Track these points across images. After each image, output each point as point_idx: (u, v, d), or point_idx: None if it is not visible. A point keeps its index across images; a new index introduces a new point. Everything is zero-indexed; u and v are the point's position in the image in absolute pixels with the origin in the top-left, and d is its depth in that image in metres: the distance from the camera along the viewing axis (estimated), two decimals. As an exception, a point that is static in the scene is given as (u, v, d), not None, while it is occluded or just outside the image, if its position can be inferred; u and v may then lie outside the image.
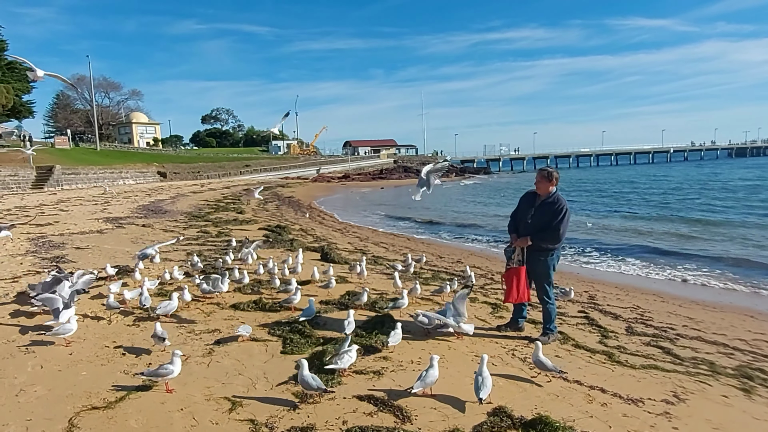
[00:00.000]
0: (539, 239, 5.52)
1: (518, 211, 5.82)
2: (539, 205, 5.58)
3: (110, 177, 43.43)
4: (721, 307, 8.66)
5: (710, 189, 39.00)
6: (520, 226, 5.70)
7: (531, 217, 5.59)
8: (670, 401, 4.26)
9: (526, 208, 5.69)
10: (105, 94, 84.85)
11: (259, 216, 19.94)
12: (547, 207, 5.52)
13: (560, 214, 5.45)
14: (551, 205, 5.51)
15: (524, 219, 5.65)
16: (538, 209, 5.58)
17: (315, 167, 70.99)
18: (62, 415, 3.70)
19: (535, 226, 5.55)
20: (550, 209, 5.50)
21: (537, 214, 5.57)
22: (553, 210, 5.48)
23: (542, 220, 5.51)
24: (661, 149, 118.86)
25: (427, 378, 3.99)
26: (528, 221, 5.60)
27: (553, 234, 5.46)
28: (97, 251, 10.67)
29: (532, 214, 5.60)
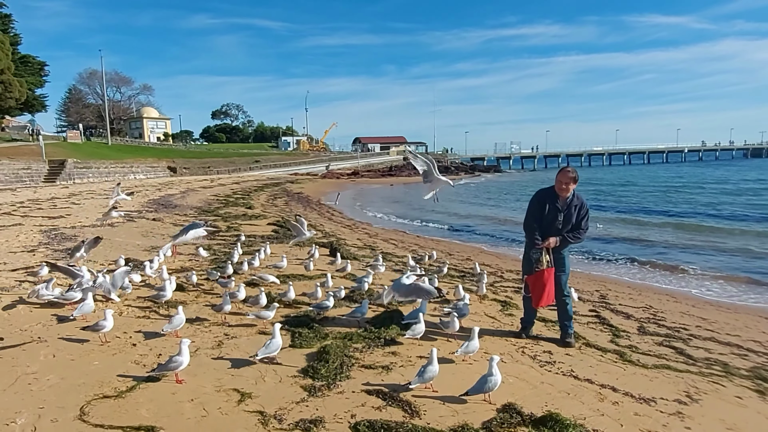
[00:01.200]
0: (569, 239, 5.43)
1: (542, 215, 5.48)
2: (566, 208, 5.40)
3: (121, 171, 43.79)
4: (735, 308, 8.56)
5: (724, 191, 38.43)
6: (548, 230, 5.45)
7: (561, 222, 5.40)
8: (683, 401, 4.21)
9: (553, 212, 5.42)
10: (116, 88, 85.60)
11: (268, 212, 20.01)
12: (573, 209, 5.40)
13: (586, 214, 5.44)
14: (578, 207, 5.42)
15: (553, 224, 5.41)
16: (567, 213, 5.40)
17: (324, 163, 71.07)
18: (74, 404, 3.73)
19: (564, 230, 5.42)
20: (576, 210, 5.41)
21: (566, 217, 5.40)
22: (580, 210, 5.42)
23: (570, 222, 5.41)
24: (676, 149, 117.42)
25: (426, 373, 3.95)
26: (558, 227, 5.41)
27: (582, 233, 5.46)
28: (108, 244, 10.75)
29: (561, 219, 5.40)
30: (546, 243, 5.40)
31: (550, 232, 5.44)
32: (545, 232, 5.46)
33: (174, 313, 5.30)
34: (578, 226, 5.44)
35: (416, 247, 13.25)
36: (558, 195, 5.43)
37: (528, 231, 5.62)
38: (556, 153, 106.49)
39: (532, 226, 5.54)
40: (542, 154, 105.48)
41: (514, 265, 11.30)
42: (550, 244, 5.40)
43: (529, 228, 5.61)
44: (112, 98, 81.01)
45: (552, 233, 5.43)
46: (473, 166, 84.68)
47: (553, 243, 5.40)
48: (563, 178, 5.37)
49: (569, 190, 5.38)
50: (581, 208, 5.44)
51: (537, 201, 5.57)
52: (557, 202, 5.42)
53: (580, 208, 5.43)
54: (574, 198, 5.44)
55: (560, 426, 3.43)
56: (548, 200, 5.47)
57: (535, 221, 5.53)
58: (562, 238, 5.43)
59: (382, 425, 3.38)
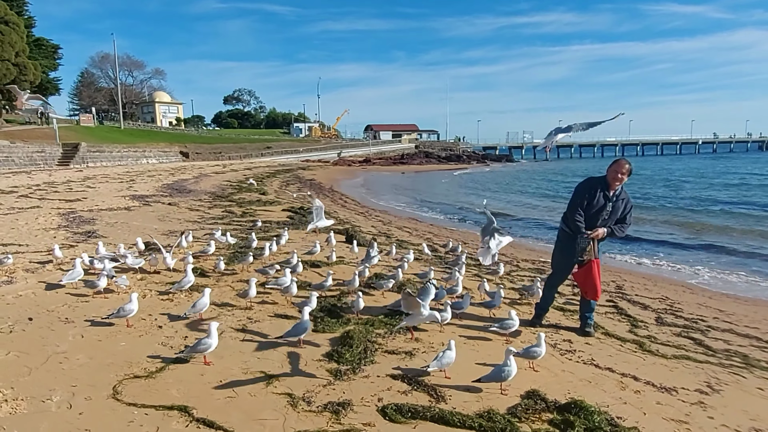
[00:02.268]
0: (617, 233, 5.40)
1: (590, 203, 5.36)
2: (615, 200, 5.33)
3: (134, 156, 44.12)
4: (753, 300, 8.51)
5: (741, 183, 37.90)
6: (594, 219, 5.35)
7: (609, 213, 5.32)
8: (704, 391, 4.23)
9: (601, 204, 5.32)
10: (129, 72, 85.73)
11: (281, 197, 20.09)
12: (620, 202, 5.34)
13: (631, 209, 5.43)
14: (625, 201, 5.38)
15: (600, 215, 5.32)
16: (615, 204, 5.32)
17: (336, 150, 71.03)
18: (106, 383, 3.83)
19: (610, 223, 5.36)
20: (623, 204, 5.36)
21: (614, 210, 5.33)
22: (626, 205, 5.39)
23: (616, 215, 5.35)
24: (690, 140, 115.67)
25: (443, 358, 4.00)
26: (605, 218, 5.33)
27: (626, 228, 5.45)
28: (125, 228, 10.91)
29: (610, 209, 5.32)
30: (595, 233, 5.29)
31: (595, 222, 5.34)
32: (590, 222, 5.35)
33: (198, 296, 5.37)
34: (623, 220, 5.39)
35: (430, 235, 13.28)
36: (609, 185, 5.33)
37: (572, 215, 5.42)
38: (568, 143, 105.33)
39: (577, 212, 5.39)
40: (555, 144, 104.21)
41: (528, 254, 11.30)
42: (599, 235, 5.32)
43: (573, 212, 5.42)
44: (124, 82, 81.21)
45: (596, 223, 5.33)
46: (485, 155, 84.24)
47: (602, 234, 5.32)
48: (620, 169, 5.25)
49: (622, 181, 5.30)
50: (627, 202, 5.40)
51: (586, 188, 5.43)
52: (607, 192, 5.33)
53: (626, 202, 5.38)
54: (622, 191, 5.36)
55: (585, 413, 3.47)
56: (599, 189, 5.35)
57: (580, 208, 5.39)
58: (610, 230, 5.36)
59: (409, 409, 3.44)
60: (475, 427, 3.31)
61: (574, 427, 3.34)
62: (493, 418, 3.38)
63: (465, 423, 3.35)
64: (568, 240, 5.50)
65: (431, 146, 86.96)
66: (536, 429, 3.37)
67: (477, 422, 3.34)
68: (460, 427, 3.34)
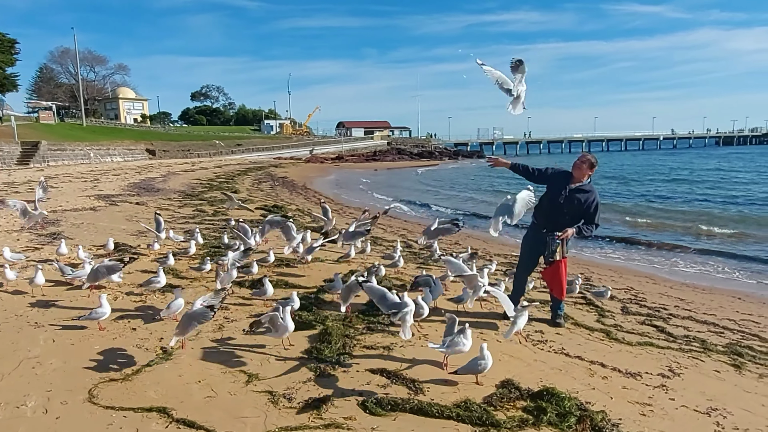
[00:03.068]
0: (584, 232, 5.54)
1: (548, 190, 5.57)
2: (574, 189, 5.42)
3: (97, 154, 42.82)
4: (710, 289, 8.94)
5: (695, 179, 39.43)
6: (550, 206, 5.51)
7: (563, 198, 5.40)
8: (666, 375, 4.46)
9: (558, 189, 5.46)
10: (90, 68, 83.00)
11: (254, 196, 19.90)
12: (582, 194, 5.42)
13: (597, 210, 5.50)
14: (587, 194, 5.43)
15: (556, 201, 5.45)
16: (572, 193, 5.42)
17: (308, 148, 70.43)
18: (81, 386, 3.79)
19: (566, 211, 5.44)
20: (585, 197, 5.42)
21: (570, 198, 5.40)
22: (589, 200, 5.43)
23: (574, 206, 5.42)
24: (652, 136, 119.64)
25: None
26: (559, 202, 5.41)
27: (595, 229, 5.61)
28: (92, 228, 10.65)
29: (564, 195, 5.41)
30: (564, 234, 5.43)
31: (549, 209, 5.50)
32: (547, 210, 5.52)
33: (172, 298, 5.32)
34: (591, 220, 5.50)
35: (405, 231, 13.40)
36: (573, 177, 5.48)
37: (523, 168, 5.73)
38: (537, 139, 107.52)
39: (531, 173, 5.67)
40: (524, 140, 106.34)
41: (501, 249, 11.55)
42: (568, 236, 5.45)
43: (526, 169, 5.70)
44: (85, 78, 78.61)
45: (551, 210, 5.48)
46: (457, 152, 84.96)
47: (570, 234, 5.45)
48: (581, 159, 5.47)
49: (585, 175, 5.43)
50: (590, 198, 5.44)
51: (553, 172, 5.64)
52: (568, 182, 5.47)
53: (589, 198, 5.43)
54: (586, 185, 5.47)
55: (557, 399, 3.63)
56: (561, 178, 5.54)
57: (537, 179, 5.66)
58: (578, 229, 5.49)
59: (389, 402, 3.53)
60: (453, 417, 3.43)
61: (546, 413, 3.50)
62: (469, 407, 3.51)
63: (443, 413, 3.47)
64: (536, 231, 5.68)
65: (403, 143, 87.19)
66: (511, 416, 3.51)
67: (455, 412, 3.46)
68: (438, 417, 3.45)
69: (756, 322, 6.83)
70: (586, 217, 5.51)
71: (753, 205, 22.49)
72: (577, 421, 3.46)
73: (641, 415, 3.68)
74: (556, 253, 5.48)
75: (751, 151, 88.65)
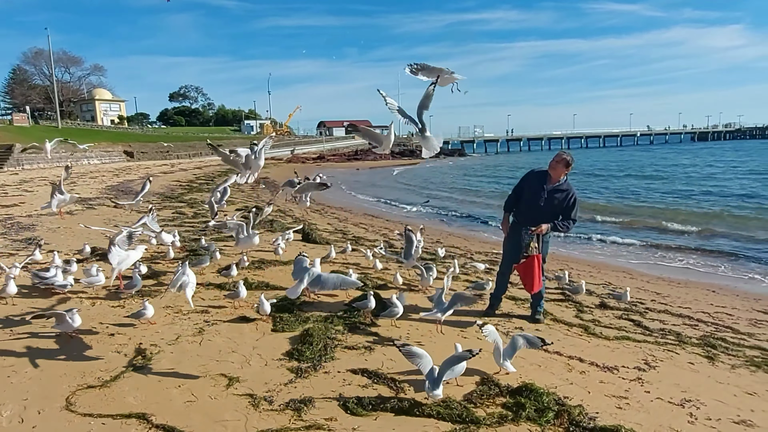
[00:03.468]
0: (560, 228, 5.61)
1: (526, 192, 5.68)
2: (552, 190, 5.53)
3: (73, 156, 41.90)
4: (685, 283, 9.16)
5: (669, 175, 40.25)
6: (528, 208, 5.61)
7: (543, 201, 5.51)
8: (642, 368, 4.57)
9: (536, 190, 5.58)
10: (65, 69, 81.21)
11: (234, 197, 19.69)
12: (560, 193, 5.53)
13: (575, 205, 5.60)
14: (565, 193, 5.54)
15: (535, 202, 5.55)
16: (551, 193, 5.53)
17: (289, 148, 69.93)
18: (58, 394, 3.72)
19: (546, 211, 5.53)
20: (563, 196, 5.53)
21: (548, 200, 5.51)
22: (567, 197, 5.54)
23: (554, 206, 5.52)
24: (629, 132, 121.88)
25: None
26: (540, 205, 5.52)
27: (572, 224, 5.66)
28: (69, 232, 10.46)
29: (544, 197, 5.53)
30: (538, 229, 5.52)
31: (530, 211, 5.59)
32: (525, 212, 5.63)
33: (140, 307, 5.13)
34: (568, 216, 5.59)
35: (386, 231, 13.42)
36: (549, 176, 5.58)
37: (506, 203, 5.91)
38: (517, 137, 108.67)
39: (511, 201, 5.81)
40: (504, 138, 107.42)
41: (482, 247, 11.66)
42: (542, 231, 5.54)
43: (507, 201, 5.89)
44: (60, 79, 76.89)
45: (532, 213, 5.57)
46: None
47: (545, 229, 5.54)
48: (557, 158, 5.55)
49: (561, 173, 5.53)
50: (569, 195, 5.55)
51: (526, 178, 5.77)
52: (545, 183, 5.58)
53: (567, 196, 5.55)
54: (564, 183, 5.58)
55: (535, 395, 3.70)
56: (537, 179, 5.64)
57: (516, 197, 5.77)
58: (553, 225, 5.57)
59: (370, 401, 3.55)
60: (433, 415, 3.46)
61: (525, 408, 3.55)
62: (450, 405, 3.54)
63: (424, 412, 3.49)
64: (516, 230, 5.77)
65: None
66: (491, 413, 3.56)
67: (435, 410, 3.50)
68: (419, 416, 3.48)
69: (729, 314, 7.03)
70: (564, 213, 5.61)
71: (727, 197, 23.12)
72: (555, 415, 3.52)
73: (617, 408, 3.77)
74: (530, 247, 5.56)
75: (722, 146, 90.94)
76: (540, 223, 5.54)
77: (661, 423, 3.59)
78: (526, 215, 5.67)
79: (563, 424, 3.45)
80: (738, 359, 5.06)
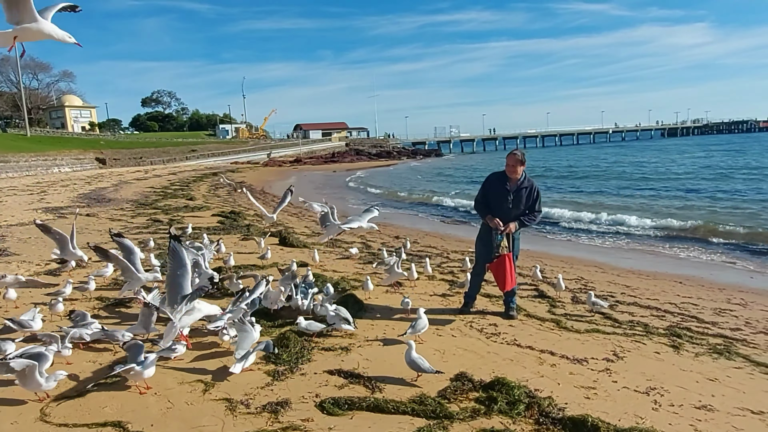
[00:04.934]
0: (526, 222, 5.79)
1: (492, 198, 5.82)
2: (516, 190, 5.70)
3: (43, 165, 40.96)
4: (654, 275, 9.43)
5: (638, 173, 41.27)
6: (497, 210, 5.75)
7: (511, 202, 5.69)
8: (611, 359, 4.73)
9: (502, 195, 5.73)
10: (33, 75, 79.28)
11: (210, 202, 19.53)
12: (524, 190, 5.70)
13: (538, 197, 5.79)
14: (528, 189, 5.72)
15: (503, 206, 5.71)
16: (516, 194, 5.69)
17: (265, 151, 69.56)
18: (32, 405, 3.70)
19: (514, 210, 5.71)
20: (527, 192, 5.71)
21: (516, 199, 5.69)
22: (531, 192, 5.73)
23: (521, 203, 5.70)
24: (602, 130, 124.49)
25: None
26: (509, 207, 5.69)
27: (537, 216, 5.86)
28: (41, 243, 10.23)
29: (511, 199, 5.69)
30: (507, 228, 5.68)
31: (500, 213, 5.73)
32: (495, 213, 5.76)
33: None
34: (532, 209, 5.80)
35: (363, 233, 13.46)
36: (509, 177, 5.76)
37: (478, 210, 6.02)
38: (493, 136, 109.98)
39: (481, 205, 5.92)
40: (480, 137, 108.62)
41: (458, 246, 11.80)
42: (511, 230, 5.70)
43: (477, 204, 6.01)
44: (28, 86, 75.07)
45: (502, 214, 5.72)
46: (415, 150, 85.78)
47: (513, 228, 5.70)
48: (511, 161, 5.70)
49: (518, 172, 5.70)
50: (532, 190, 5.76)
51: (488, 182, 5.93)
52: (507, 184, 5.74)
53: (530, 191, 5.75)
54: (524, 180, 5.76)
55: (506, 388, 3.82)
56: (499, 182, 5.81)
57: (484, 202, 5.89)
58: (520, 221, 5.75)
59: (345, 401, 3.62)
60: (408, 412, 3.55)
61: (497, 402, 3.67)
62: (424, 401, 3.64)
63: (398, 409, 3.58)
64: (487, 231, 5.91)
65: (361, 144, 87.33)
66: (464, 407, 3.66)
67: (410, 407, 3.58)
68: (394, 413, 3.56)
69: (695, 305, 7.28)
70: (530, 208, 5.81)
71: (700, 194, 23.85)
72: (526, 407, 3.64)
73: (586, 398, 3.91)
74: (501, 247, 5.70)
75: (691, 142, 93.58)
76: (507, 220, 5.71)
77: (627, 410, 3.74)
78: (495, 214, 5.80)
79: (533, 416, 3.57)
80: (701, 347, 5.26)
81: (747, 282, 9.04)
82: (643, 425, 3.46)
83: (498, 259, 5.72)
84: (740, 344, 5.40)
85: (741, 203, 19.80)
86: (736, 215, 16.66)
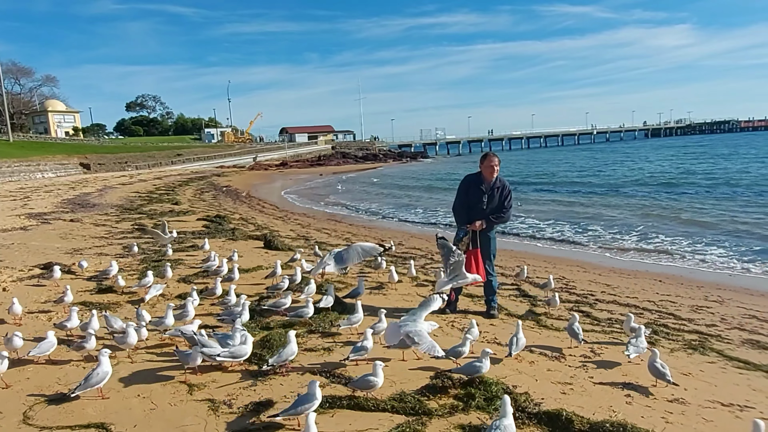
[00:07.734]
0: (495, 221, 5.95)
1: (470, 197, 5.99)
2: (490, 191, 5.92)
3: (26, 170, 40.43)
4: (634, 273, 9.63)
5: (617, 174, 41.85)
6: (473, 210, 5.93)
7: (485, 203, 5.89)
8: (588, 356, 4.85)
9: (477, 193, 5.93)
10: (15, 80, 78.29)
11: (196, 206, 19.45)
12: (497, 190, 5.93)
13: (509, 194, 6.00)
14: (501, 188, 5.95)
15: (478, 206, 5.90)
16: (491, 194, 5.91)
17: (251, 155, 69.28)
18: (15, 410, 3.72)
19: (489, 210, 5.91)
20: (500, 192, 5.93)
21: (490, 200, 5.90)
22: (503, 191, 5.95)
23: (495, 203, 5.92)
24: (586, 131, 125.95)
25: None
26: (483, 208, 5.89)
27: (506, 212, 6.02)
28: (24, 249, 10.16)
29: (486, 200, 5.90)
30: (472, 226, 5.87)
31: (477, 213, 5.92)
32: (472, 214, 5.93)
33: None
34: (501, 207, 5.98)
35: (349, 235, 13.55)
36: (483, 179, 5.95)
37: (455, 213, 6.17)
38: (478, 138, 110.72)
39: (459, 208, 6.08)
40: (466, 139, 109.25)
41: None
42: (476, 227, 5.88)
43: (455, 210, 6.16)
44: (10, 91, 73.93)
45: (478, 214, 5.90)
46: (401, 153, 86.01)
47: (479, 226, 5.88)
48: (492, 162, 5.90)
49: (493, 172, 5.90)
50: (503, 189, 5.99)
51: (464, 185, 6.12)
52: (482, 186, 5.94)
53: (502, 190, 5.97)
54: (497, 181, 5.97)
55: (485, 385, 3.91)
56: (473, 184, 6.00)
57: (461, 204, 6.06)
58: (487, 220, 5.91)
59: (327, 399, 3.68)
60: (388, 409, 3.62)
61: (474, 398, 3.76)
62: (404, 399, 3.72)
63: (379, 406, 3.65)
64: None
65: (348, 147, 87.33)
66: (443, 404, 3.74)
67: (390, 404, 3.66)
68: (374, 411, 3.63)
69: (672, 302, 7.46)
70: (503, 206, 6.00)
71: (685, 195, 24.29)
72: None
73: (562, 394, 4.01)
74: (462, 243, 5.85)
75: (674, 143, 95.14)
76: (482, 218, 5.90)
77: (601, 405, 3.85)
78: (472, 217, 5.98)
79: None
80: (677, 343, 5.41)
81: (725, 280, 9.28)
82: (615, 418, 3.57)
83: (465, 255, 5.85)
84: (714, 340, 5.57)
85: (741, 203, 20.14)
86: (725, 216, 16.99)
